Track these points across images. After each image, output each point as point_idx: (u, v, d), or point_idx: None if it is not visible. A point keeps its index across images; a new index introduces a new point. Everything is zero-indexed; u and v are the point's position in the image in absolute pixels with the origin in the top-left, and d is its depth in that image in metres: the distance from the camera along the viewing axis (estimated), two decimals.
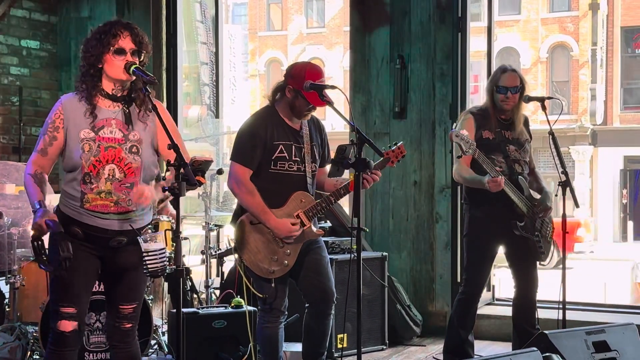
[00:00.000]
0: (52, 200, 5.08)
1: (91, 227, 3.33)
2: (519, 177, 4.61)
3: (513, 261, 4.78)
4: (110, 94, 3.37)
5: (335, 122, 20.57)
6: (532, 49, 24.50)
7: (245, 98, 27.31)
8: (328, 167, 4.28)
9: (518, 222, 4.60)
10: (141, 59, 3.38)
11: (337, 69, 25.79)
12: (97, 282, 3.58)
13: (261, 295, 4.08)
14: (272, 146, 4.05)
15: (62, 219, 3.33)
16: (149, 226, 3.49)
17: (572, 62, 24.29)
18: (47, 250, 3.20)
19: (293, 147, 4.09)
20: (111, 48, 3.30)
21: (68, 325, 3.33)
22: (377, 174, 4.00)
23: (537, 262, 4.74)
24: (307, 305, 4.18)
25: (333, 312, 4.19)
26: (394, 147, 4.20)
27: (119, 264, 3.41)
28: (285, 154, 4.07)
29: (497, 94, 4.65)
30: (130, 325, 3.48)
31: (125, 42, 3.31)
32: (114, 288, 3.46)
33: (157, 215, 5.17)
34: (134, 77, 3.32)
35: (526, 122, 4.78)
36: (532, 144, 4.82)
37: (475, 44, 6.37)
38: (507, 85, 4.62)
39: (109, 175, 3.32)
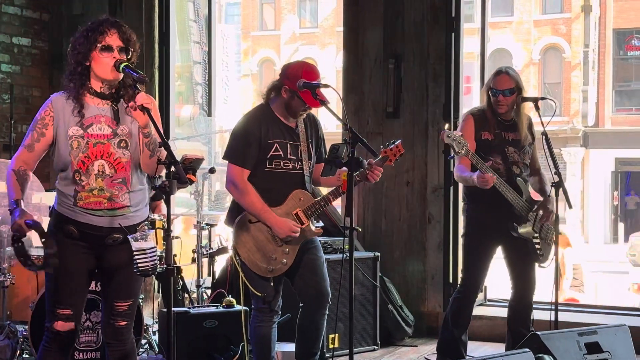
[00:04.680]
0: (43, 198, 5.06)
1: (86, 225, 3.32)
2: (517, 179, 4.60)
3: (511, 262, 4.77)
4: (99, 92, 3.36)
5: (327, 121, 20.54)
6: (525, 50, 24.54)
7: (238, 98, 27.26)
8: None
9: (515, 224, 4.59)
10: (129, 57, 3.35)
11: (329, 69, 25.76)
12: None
13: (259, 294, 4.06)
14: (267, 145, 4.03)
15: (57, 218, 3.36)
16: (146, 223, 3.46)
17: (564, 64, 24.34)
18: (29, 251, 3.20)
19: (288, 145, 4.08)
20: (98, 45, 3.28)
21: (64, 326, 3.33)
22: (379, 169, 4.01)
23: (536, 265, 4.73)
24: (301, 304, 4.17)
25: (327, 312, 4.18)
26: (392, 146, 4.14)
27: (114, 262, 3.39)
28: (281, 152, 4.05)
29: (492, 96, 4.64)
30: (125, 322, 3.45)
31: (112, 40, 3.30)
32: (109, 285, 3.44)
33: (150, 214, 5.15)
34: (121, 76, 3.31)
35: (530, 124, 4.76)
36: None
37: (468, 45, 6.36)
38: (497, 88, 4.62)
39: (98, 171, 3.30)
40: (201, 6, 10.87)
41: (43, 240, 3.17)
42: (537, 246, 4.65)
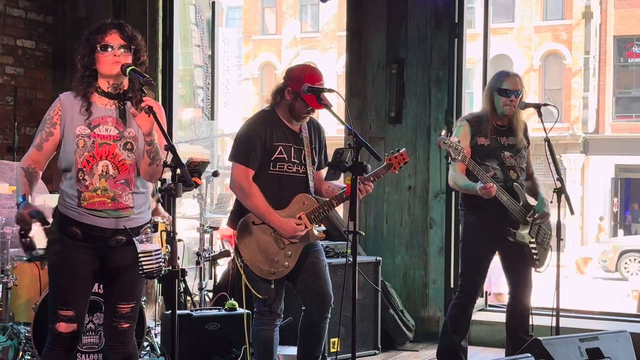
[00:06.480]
0: (47, 199, 5.08)
1: (90, 227, 3.33)
2: (514, 184, 4.62)
3: (508, 267, 4.78)
4: (106, 91, 3.38)
5: (327, 126, 20.56)
6: (525, 56, 24.56)
7: (239, 101, 27.29)
8: (324, 171, 4.29)
9: (512, 229, 4.60)
10: (137, 56, 3.38)
11: (330, 73, 25.77)
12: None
13: (260, 296, 4.07)
14: (272, 147, 4.05)
15: (60, 219, 3.36)
16: (149, 225, 3.48)
17: (564, 70, 24.36)
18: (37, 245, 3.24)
19: (292, 148, 4.10)
20: (97, 45, 3.31)
21: (66, 328, 3.34)
22: (370, 185, 4.02)
23: (533, 269, 4.74)
24: (303, 308, 4.17)
25: (329, 315, 4.19)
26: (396, 154, 4.17)
27: (117, 263, 3.40)
28: (285, 155, 4.07)
29: (500, 97, 4.62)
30: (128, 325, 3.47)
31: (112, 38, 3.32)
32: (112, 287, 3.45)
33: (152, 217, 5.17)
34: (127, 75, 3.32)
35: (525, 129, 4.78)
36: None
37: (468, 50, 6.37)
38: (511, 89, 4.61)
39: (102, 171, 3.32)
40: (203, 10, 10.90)
41: (45, 227, 3.22)
42: (533, 251, 4.66)
